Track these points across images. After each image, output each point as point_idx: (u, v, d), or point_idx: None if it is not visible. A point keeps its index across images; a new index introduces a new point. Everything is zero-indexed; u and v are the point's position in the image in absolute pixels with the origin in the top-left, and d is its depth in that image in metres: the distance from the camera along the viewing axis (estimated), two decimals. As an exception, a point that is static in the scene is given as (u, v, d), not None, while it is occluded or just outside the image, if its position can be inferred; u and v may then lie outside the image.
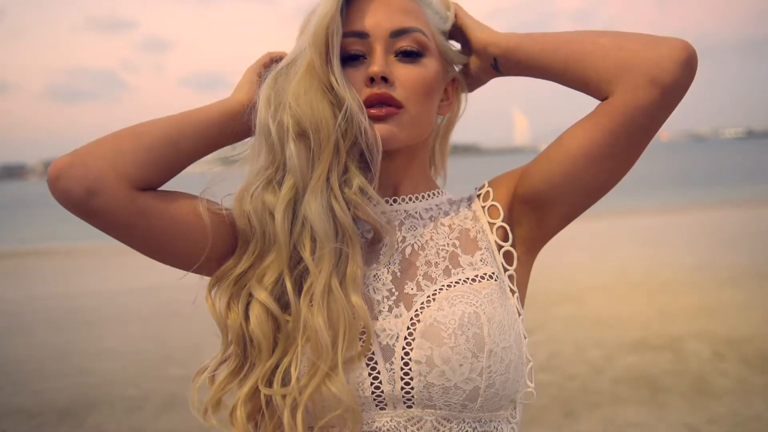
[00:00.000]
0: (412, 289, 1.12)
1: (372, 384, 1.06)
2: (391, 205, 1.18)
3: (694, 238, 12.83)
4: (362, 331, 1.06)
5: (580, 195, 1.13)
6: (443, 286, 1.11)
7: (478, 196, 1.23)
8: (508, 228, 1.18)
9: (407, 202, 1.19)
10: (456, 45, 1.24)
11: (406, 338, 1.07)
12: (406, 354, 1.06)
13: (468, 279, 1.12)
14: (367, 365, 1.07)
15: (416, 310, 1.09)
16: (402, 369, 1.06)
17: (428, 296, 1.10)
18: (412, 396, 1.06)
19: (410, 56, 1.12)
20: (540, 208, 1.15)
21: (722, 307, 7.37)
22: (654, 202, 21.15)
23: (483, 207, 1.21)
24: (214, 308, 1.11)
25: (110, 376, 6.07)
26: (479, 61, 1.20)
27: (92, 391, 5.69)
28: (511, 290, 1.16)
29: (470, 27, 1.19)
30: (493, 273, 1.14)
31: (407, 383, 1.06)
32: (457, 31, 1.22)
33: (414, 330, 1.07)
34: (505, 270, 1.17)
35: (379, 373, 1.06)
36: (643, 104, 1.04)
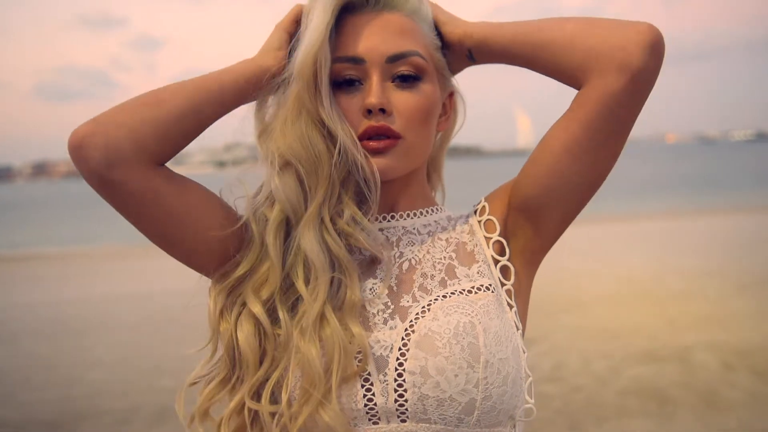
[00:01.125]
0: (407, 301, 1.13)
1: (365, 396, 1.07)
2: (388, 221, 1.20)
3: (703, 244, 12.84)
4: (358, 351, 1.08)
5: (569, 194, 1.15)
6: (438, 296, 1.12)
7: (475, 211, 1.25)
8: (504, 242, 1.20)
9: (405, 219, 1.20)
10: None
11: (400, 349, 1.08)
12: (400, 365, 1.07)
13: (464, 290, 1.14)
14: (360, 376, 1.07)
15: (411, 321, 1.10)
16: (396, 380, 1.06)
17: (423, 307, 1.11)
18: (406, 409, 1.06)
19: (408, 81, 1.12)
20: (534, 215, 1.17)
21: (732, 316, 7.37)
22: (661, 206, 21.18)
23: (479, 222, 1.23)
24: (212, 308, 1.14)
25: (98, 387, 6.06)
26: (454, 53, 1.21)
27: (80, 402, 5.68)
28: (509, 304, 1.17)
29: (443, 23, 1.20)
30: (490, 285, 1.16)
31: (401, 395, 1.06)
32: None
33: (408, 341, 1.08)
34: (503, 285, 1.18)
35: (372, 385, 1.07)
36: (613, 91, 1.06)
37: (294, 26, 1.17)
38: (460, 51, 1.19)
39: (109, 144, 1.03)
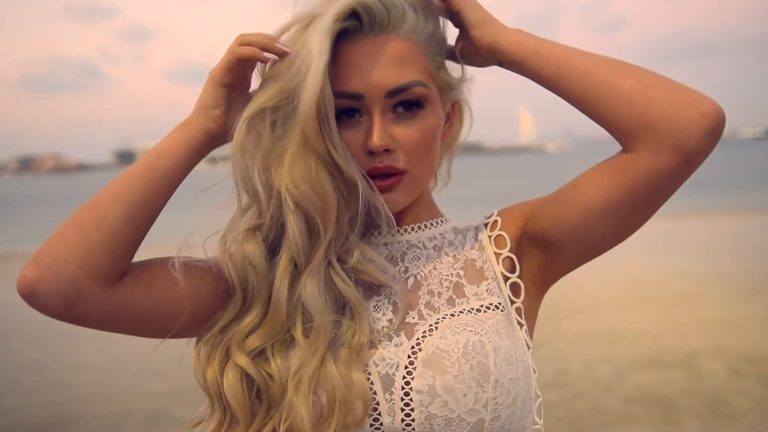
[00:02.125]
0: (413, 318, 1.13)
1: (371, 416, 1.07)
2: (393, 236, 1.19)
3: (711, 246, 12.86)
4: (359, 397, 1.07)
5: (588, 247, 1.15)
6: (446, 315, 1.12)
7: (486, 225, 1.23)
8: (515, 259, 1.19)
9: (410, 233, 1.20)
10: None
11: (406, 367, 1.08)
12: (407, 383, 1.07)
13: (473, 309, 1.13)
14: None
15: (418, 339, 1.10)
16: (402, 399, 1.07)
17: (430, 325, 1.11)
18: (413, 429, 1.06)
19: (409, 109, 1.10)
20: (548, 251, 1.17)
21: (741, 321, 7.38)
22: (667, 206, 21.00)
23: (490, 237, 1.21)
24: (197, 359, 1.13)
25: (89, 391, 6.07)
26: (481, 56, 1.16)
27: (69, 407, 5.68)
28: (519, 323, 1.16)
29: (472, 25, 1.14)
30: (500, 303, 1.15)
31: (408, 414, 1.06)
32: (454, 18, 1.17)
33: (415, 359, 1.08)
34: (512, 302, 1.17)
35: (378, 404, 1.07)
36: (665, 169, 1.04)
37: (230, 76, 1.09)
38: (490, 58, 1.15)
39: (61, 285, 1.01)
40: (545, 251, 1.17)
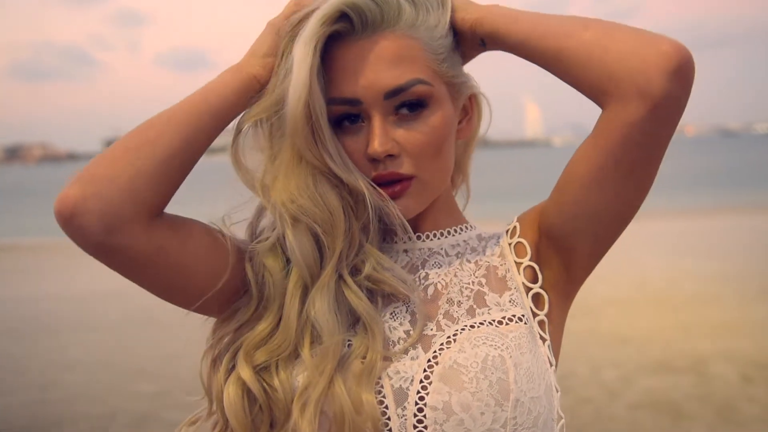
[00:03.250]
0: (431, 329, 1.10)
1: None
2: (414, 242, 1.17)
3: (723, 245, 12.86)
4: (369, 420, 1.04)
5: (595, 225, 1.11)
6: (466, 326, 1.10)
7: (506, 232, 1.21)
8: (536, 267, 1.16)
9: (432, 239, 1.18)
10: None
11: (421, 381, 1.05)
12: (421, 399, 1.04)
13: (494, 321, 1.10)
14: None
15: (434, 352, 1.07)
16: (416, 416, 1.04)
17: (448, 337, 1.08)
18: None
19: (413, 110, 1.08)
20: (562, 246, 1.14)
21: (752, 324, 7.38)
22: (677, 204, 21.17)
23: (510, 244, 1.19)
24: (204, 361, 1.12)
25: (75, 390, 6.07)
26: (466, 42, 1.16)
27: (55, 407, 5.68)
28: (542, 337, 1.14)
29: (456, 8, 1.14)
30: (523, 315, 1.12)
31: None
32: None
33: (431, 373, 1.05)
34: (535, 315, 1.14)
35: (389, 419, 1.05)
36: (634, 120, 1.01)
37: (287, 25, 1.10)
38: (472, 39, 1.14)
39: (105, 207, 0.98)
40: (560, 250, 1.14)
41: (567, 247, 1.14)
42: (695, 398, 5.39)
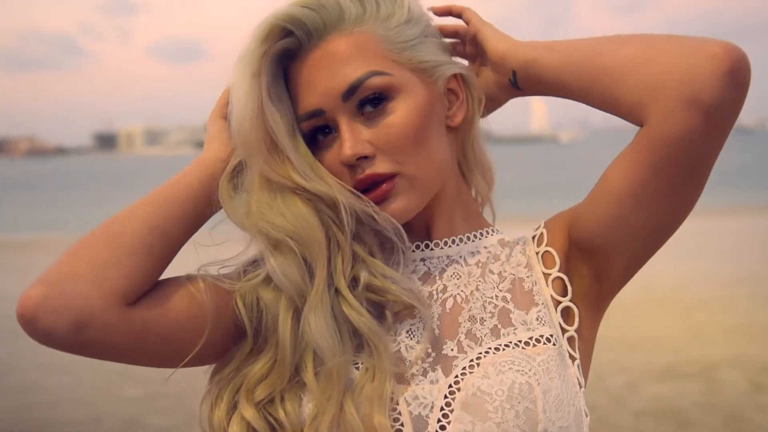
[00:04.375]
0: (452, 350, 1.07)
1: None
2: (431, 250, 1.14)
3: (735, 247, 12.86)
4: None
5: (636, 241, 1.09)
6: (490, 348, 1.06)
7: (533, 238, 1.17)
8: (566, 279, 1.13)
9: (449, 246, 1.14)
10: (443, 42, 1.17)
11: (442, 408, 1.03)
12: (442, 428, 1.02)
13: (521, 342, 1.07)
14: None
15: (456, 376, 1.05)
16: None
17: (471, 360, 1.05)
18: None
19: (376, 105, 1.06)
20: (596, 258, 1.11)
21: (764, 329, 7.39)
22: (689, 203, 21.14)
23: (537, 253, 1.15)
24: (207, 397, 1.10)
25: (59, 394, 6.07)
26: (496, 76, 1.16)
27: (38, 412, 5.69)
28: (571, 356, 1.10)
29: (486, 36, 1.14)
30: (551, 335, 1.09)
31: None
32: (469, 41, 1.18)
33: (453, 400, 1.03)
34: (564, 331, 1.11)
35: None
36: (682, 132, 0.99)
37: (227, 109, 1.12)
38: (503, 73, 1.14)
39: (71, 304, 0.96)
40: (593, 261, 1.11)
41: (600, 260, 1.11)
42: (703, 406, 5.41)
